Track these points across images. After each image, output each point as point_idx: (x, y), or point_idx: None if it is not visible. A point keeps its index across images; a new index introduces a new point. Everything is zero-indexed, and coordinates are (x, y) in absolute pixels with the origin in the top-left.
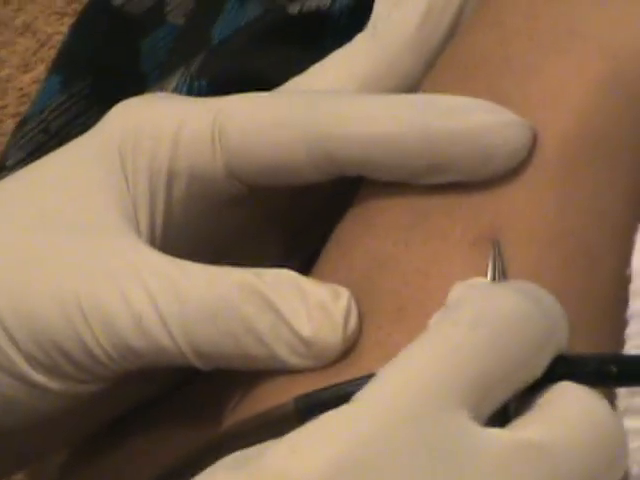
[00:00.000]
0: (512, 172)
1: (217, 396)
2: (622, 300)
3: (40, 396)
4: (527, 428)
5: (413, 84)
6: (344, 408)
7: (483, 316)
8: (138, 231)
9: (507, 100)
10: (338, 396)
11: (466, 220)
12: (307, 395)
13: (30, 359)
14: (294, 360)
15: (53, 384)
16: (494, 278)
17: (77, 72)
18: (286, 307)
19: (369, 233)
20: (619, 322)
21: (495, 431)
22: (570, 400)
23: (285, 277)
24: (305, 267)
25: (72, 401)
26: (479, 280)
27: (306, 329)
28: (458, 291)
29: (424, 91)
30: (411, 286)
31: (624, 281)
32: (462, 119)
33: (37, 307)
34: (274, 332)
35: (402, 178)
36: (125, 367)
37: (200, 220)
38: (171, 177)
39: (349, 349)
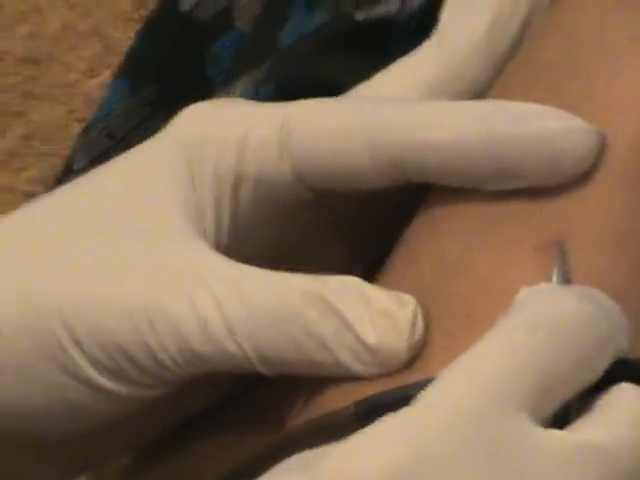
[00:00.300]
0: (579, 179)
1: (281, 402)
2: None
3: (105, 400)
4: (587, 430)
5: (481, 90)
6: (404, 411)
7: (542, 318)
8: (204, 235)
9: (576, 104)
10: (398, 399)
11: (534, 226)
12: (368, 399)
13: (95, 363)
14: (358, 367)
15: (118, 388)
16: (559, 283)
17: (144, 77)
18: (350, 313)
19: (437, 240)
20: None
21: (555, 432)
22: (630, 401)
23: (350, 284)
24: (368, 273)
25: (137, 405)
26: (545, 285)
27: (371, 336)
28: (522, 295)
29: (492, 97)
30: (479, 292)
31: None
32: (529, 125)
33: (102, 311)
34: (338, 338)
35: (469, 184)
36: (190, 372)
37: (266, 224)
38: (238, 181)
39: (415, 356)
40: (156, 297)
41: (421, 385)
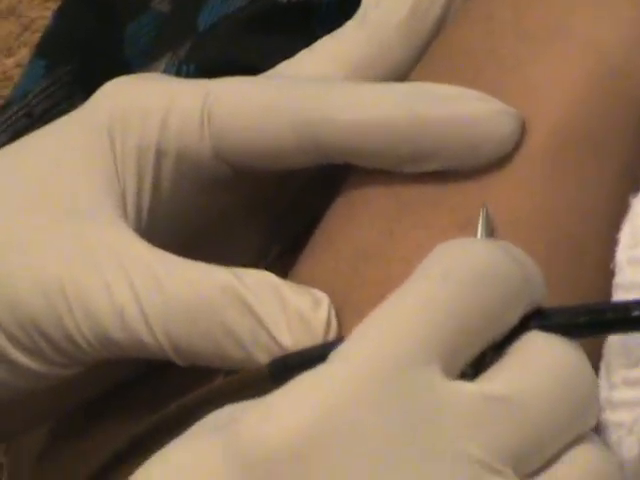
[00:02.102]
0: (499, 162)
1: (195, 378)
2: (605, 293)
3: (22, 376)
4: (495, 380)
5: (403, 73)
6: (317, 369)
7: (455, 268)
8: (125, 213)
9: (496, 90)
10: (313, 357)
11: (452, 209)
12: (282, 358)
13: (13, 340)
14: None
15: (35, 366)
16: None
17: (61, 57)
18: (266, 314)
19: (355, 223)
20: None
21: (465, 385)
22: (538, 348)
23: (266, 282)
24: (287, 252)
25: (53, 382)
26: (458, 239)
27: (286, 338)
28: (436, 249)
29: (415, 80)
30: (395, 274)
31: (608, 274)
32: (451, 106)
33: (20, 291)
34: (254, 337)
35: (388, 165)
36: (105, 355)
37: (187, 201)
38: (159, 157)
39: None
40: (75, 281)
41: (333, 345)
